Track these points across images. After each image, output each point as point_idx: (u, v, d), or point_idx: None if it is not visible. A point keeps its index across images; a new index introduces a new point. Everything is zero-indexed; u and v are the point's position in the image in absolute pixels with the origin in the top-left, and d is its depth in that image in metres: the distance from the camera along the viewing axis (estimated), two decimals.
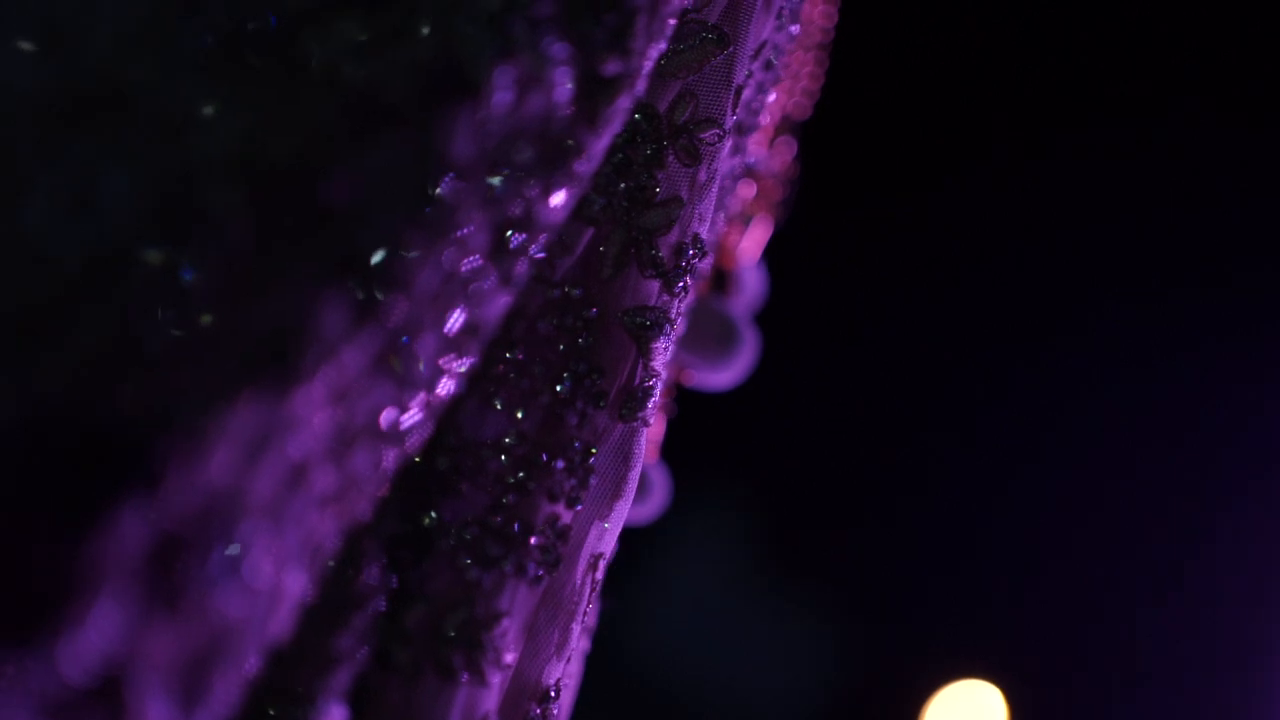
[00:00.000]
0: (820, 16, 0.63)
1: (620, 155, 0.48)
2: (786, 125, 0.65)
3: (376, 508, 0.45)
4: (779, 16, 0.52)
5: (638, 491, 0.60)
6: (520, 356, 0.48)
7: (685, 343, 0.58)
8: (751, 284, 0.64)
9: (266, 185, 0.37)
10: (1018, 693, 2.28)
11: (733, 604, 2.33)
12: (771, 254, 0.65)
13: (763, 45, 0.51)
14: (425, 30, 0.40)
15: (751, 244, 0.64)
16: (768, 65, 0.53)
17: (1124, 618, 2.24)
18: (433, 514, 0.47)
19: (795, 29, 0.54)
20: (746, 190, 0.61)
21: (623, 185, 0.48)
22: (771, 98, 0.54)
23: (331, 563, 0.44)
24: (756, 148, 0.61)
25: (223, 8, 0.38)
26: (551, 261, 0.48)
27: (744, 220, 0.64)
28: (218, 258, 0.36)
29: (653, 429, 0.65)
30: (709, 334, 0.58)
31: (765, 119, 0.56)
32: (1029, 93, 2.10)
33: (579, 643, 0.56)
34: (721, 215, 0.55)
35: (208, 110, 0.37)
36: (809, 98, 0.64)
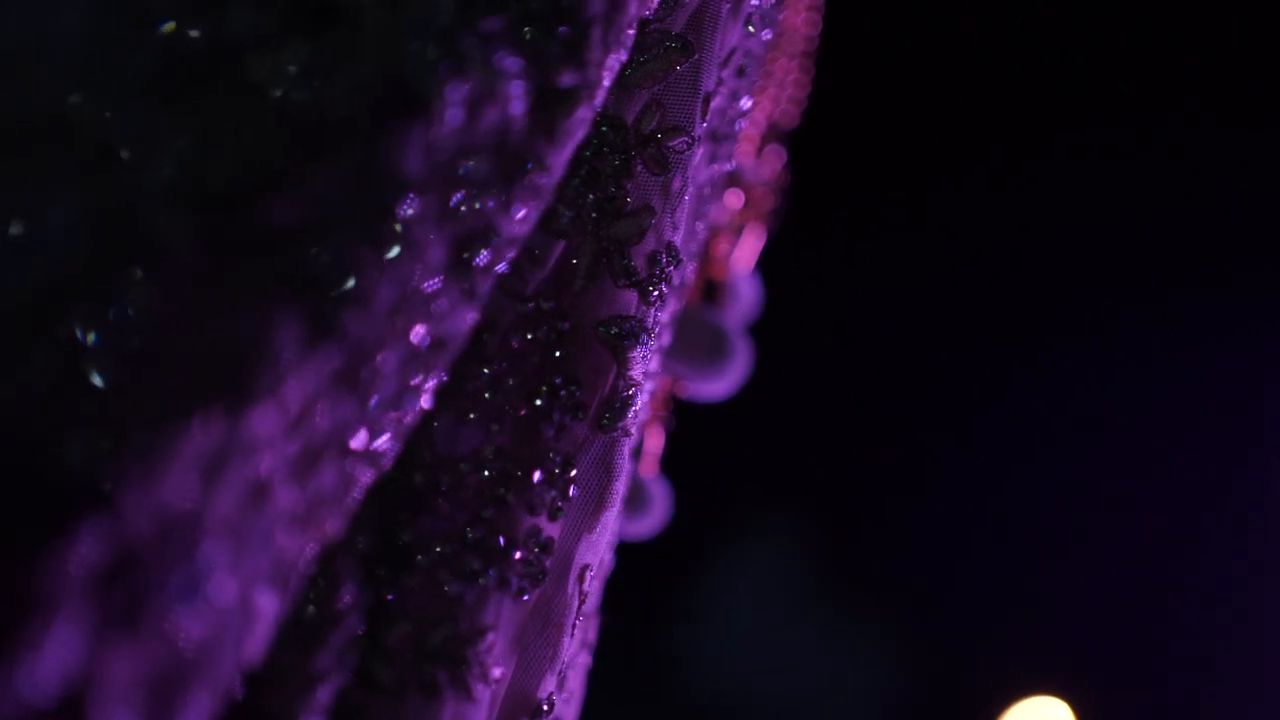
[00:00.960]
0: (804, 24, 0.62)
1: (587, 167, 0.48)
2: (774, 133, 0.64)
3: (350, 525, 0.45)
4: (749, 23, 0.52)
5: (636, 506, 0.60)
6: (494, 371, 0.47)
7: (676, 354, 0.58)
8: (746, 294, 0.64)
9: (214, 208, 0.37)
10: (1088, 708, 2.24)
11: (791, 622, 2.30)
12: (777, 262, 0.65)
13: (732, 52, 0.51)
14: (372, 50, 0.40)
15: (744, 254, 0.64)
16: (740, 72, 0.52)
17: (1196, 629, 2.20)
18: (410, 531, 0.47)
19: (768, 34, 0.54)
20: (735, 200, 0.60)
21: (591, 197, 0.48)
22: (747, 104, 0.54)
23: (307, 581, 0.44)
24: (744, 156, 0.61)
25: (166, 33, 0.38)
26: (523, 275, 0.48)
27: (735, 230, 0.64)
28: (165, 283, 0.37)
29: (650, 442, 0.65)
30: (700, 345, 0.58)
31: (745, 126, 0.56)
32: (1023, 92, 2.10)
33: (579, 657, 0.55)
34: (703, 224, 0.55)
35: (152, 136, 0.38)
36: (796, 105, 0.64)
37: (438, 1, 0.41)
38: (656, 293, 0.49)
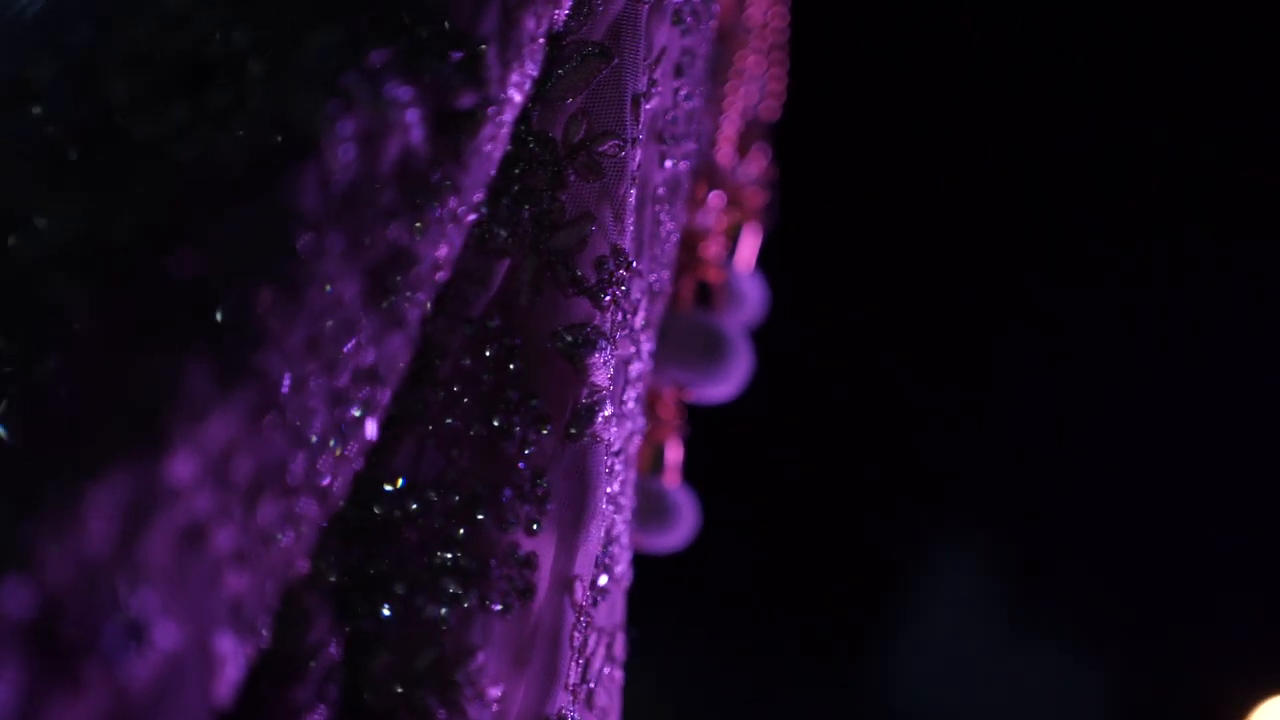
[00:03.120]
0: (774, 17, 0.62)
1: (519, 185, 0.49)
2: (757, 129, 0.64)
3: (318, 559, 0.46)
4: (678, 20, 0.52)
5: (660, 518, 0.59)
6: (448, 395, 0.48)
7: (673, 359, 0.58)
8: (749, 294, 0.63)
9: (111, 269, 0.39)
10: None
11: (991, 640, 2.25)
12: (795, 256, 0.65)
13: (663, 51, 0.51)
14: (257, 98, 0.42)
15: (743, 254, 0.64)
16: (679, 70, 0.53)
17: None
18: (381, 561, 0.47)
19: (712, 25, 0.55)
20: (718, 200, 0.60)
21: (527, 212, 0.49)
22: (695, 103, 0.54)
23: (277, 618, 0.44)
24: (725, 157, 0.61)
25: (54, 101, 0.40)
26: (467, 297, 0.48)
27: (731, 231, 0.64)
28: (72, 347, 0.38)
29: (671, 453, 0.65)
30: (695, 348, 0.58)
31: (724, 125, 0.56)
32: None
33: (606, 671, 0.55)
34: (672, 225, 0.55)
35: (44, 204, 0.39)
36: (775, 99, 0.64)
37: (317, 44, 0.43)
38: (609, 297, 0.50)
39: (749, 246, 0.64)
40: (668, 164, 0.54)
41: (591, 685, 0.54)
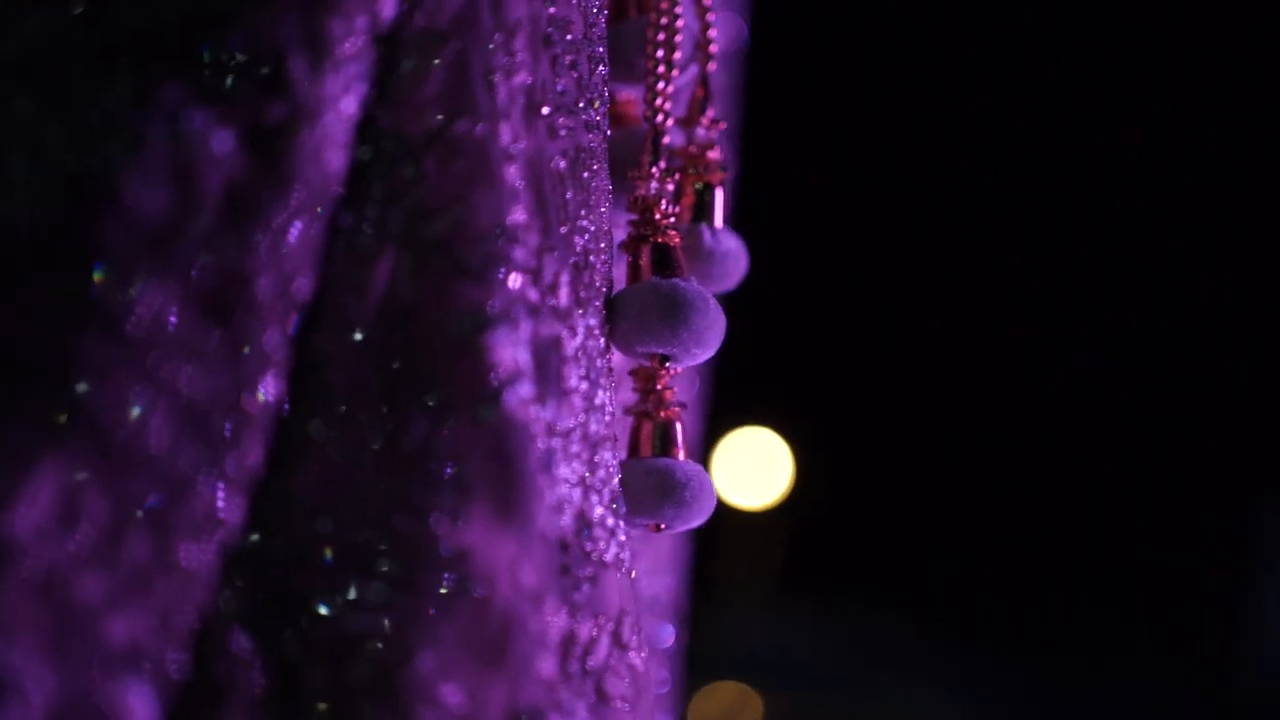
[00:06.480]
0: None
1: (381, 187, 0.48)
2: (701, 85, 0.63)
3: (226, 589, 0.46)
4: None
5: (669, 495, 0.58)
6: (345, 407, 0.48)
7: (638, 329, 0.56)
8: (718, 251, 0.62)
9: None
10: None
11: None
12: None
13: (517, 24, 0.50)
14: (50, 158, 0.43)
15: (711, 213, 0.62)
16: (547, 40, 0.52)
17: None
18: (299, 583, 0.47)
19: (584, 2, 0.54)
20: (668, 163, 0.59)
21: (394, 211, 0.48)
22: (590, 70, 0.54)
23: (192, 655, 0.45)
24: (670, 118, 0.60)
25: None
26: (346, 308, 0.48)
27: (695, 191, 0.62)
28: None
29: (687, 428, 0.63)
30: (653, 314, 0.56)
31: (598, 91, 0.55)
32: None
33: (625, 658, 0.54)
34: (594, 197, 0.54)
35: None
36: (710, 56, 0.62)
37: (110, 96, 0.44)
38: (497, 274, 0.49)
39: (716, 205, 0.62)
40: (562, 134, 0.53)
41: (597, 675, 0.53)
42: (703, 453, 0.82)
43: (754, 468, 2.23)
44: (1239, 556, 2.07)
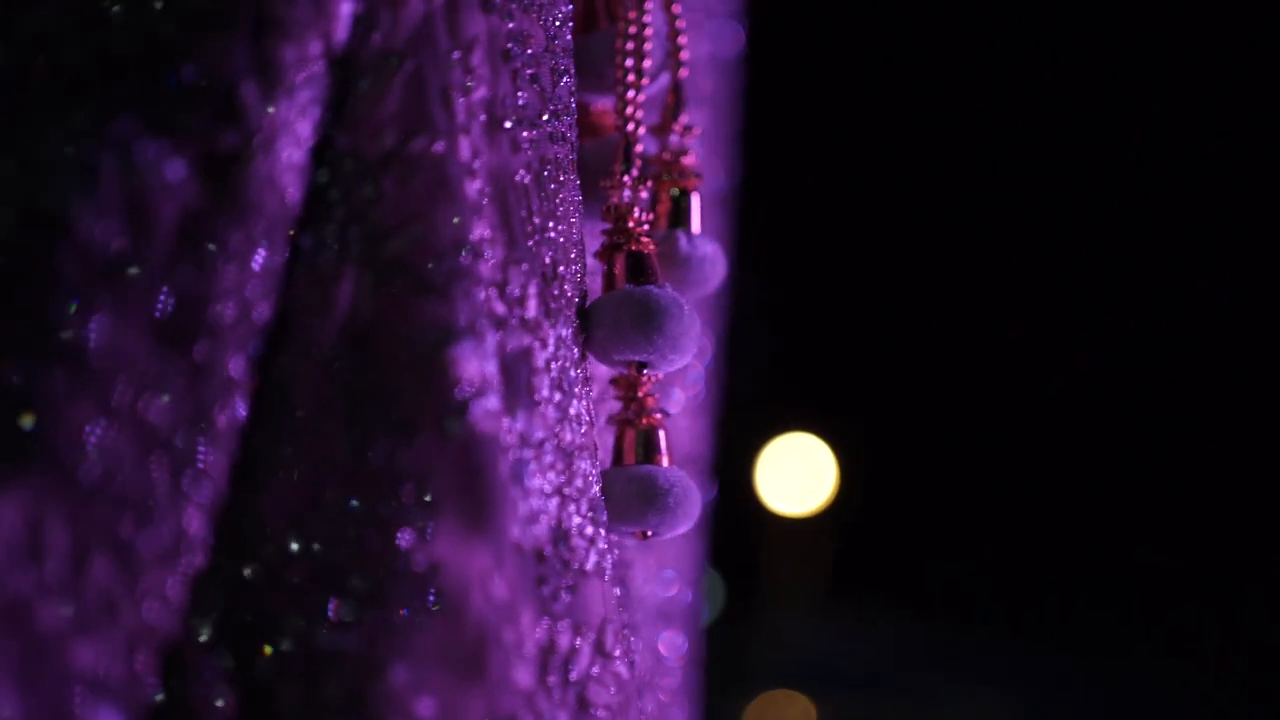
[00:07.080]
0: None
1: (341, 209, 0.49)
2: (673, 91, 0.63)
3: (198, 611, 0.46)
4: (488, 8, 0.51)
5: (652, 502, 0.58)
6: (310, 429, 0.48)
7: (613, 338, 0.56)
8: (694, 258, 0.62)
9: None
10: None
11: None
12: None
13: (475, 40, 0.51)
14: (8, 200, 0.44)
15: (688, 220, 0.63)
16: (506, 55, 0.52)
17: None
18: (270, 603, 0.48)
19: (564, 9, 0.54)
20: (640, 172, 0.59)
21: (353, 232, 0.49)
22: (553, 83, 0.54)
23: (163, 680, 0.46)
24: (642, 128, 0.60)
25: None
26: (310, 329, 0.49)
27: (671, 198, 0.63)
28: None
29: (683, 435, 0.63)
30: (626, 321, 0.56)
31: (564, 103, 0.55)
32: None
33: (609, 667, 0.54)
34: (562, 209, 0.55)
35: None
36: (681, 63, 0.62)
37: (61, 131, 0.44)
38: (459, 288, 0.49)
39: (692, 211, 0.62)
40: (526, 147, 0.53)
41: (580, 684, 0.53)
42: (722, 456, 0.81)
43: (798, 474, 2.23)
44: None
